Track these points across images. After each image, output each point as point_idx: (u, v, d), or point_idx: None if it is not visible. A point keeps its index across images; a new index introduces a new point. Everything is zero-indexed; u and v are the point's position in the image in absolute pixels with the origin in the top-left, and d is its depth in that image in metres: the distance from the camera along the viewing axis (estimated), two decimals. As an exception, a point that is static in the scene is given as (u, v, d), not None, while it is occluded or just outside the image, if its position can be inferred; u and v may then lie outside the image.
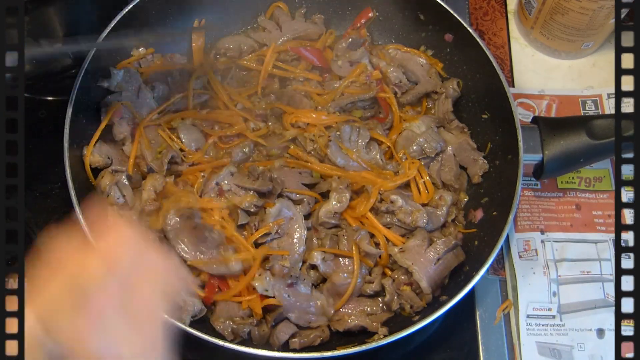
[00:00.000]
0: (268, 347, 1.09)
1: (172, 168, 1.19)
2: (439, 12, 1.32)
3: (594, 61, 1.51)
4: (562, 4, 1.36)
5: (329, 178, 1.21)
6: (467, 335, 1.23)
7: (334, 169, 1.22)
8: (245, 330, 1.08)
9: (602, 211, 1.33)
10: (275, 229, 1.13)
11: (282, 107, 1.27)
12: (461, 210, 1.26)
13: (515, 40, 1.54)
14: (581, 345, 1.21)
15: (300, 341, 1.09)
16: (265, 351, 1.02)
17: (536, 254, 1.28)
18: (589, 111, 1.44)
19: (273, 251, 1.13)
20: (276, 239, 1.14)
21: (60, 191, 1.31)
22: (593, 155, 1.20)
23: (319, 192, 1.21)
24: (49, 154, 1.23)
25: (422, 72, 1.37)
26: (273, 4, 1.41)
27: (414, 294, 1.14)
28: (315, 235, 1.18)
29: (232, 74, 1.33)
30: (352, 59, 1.32)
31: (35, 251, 0.69)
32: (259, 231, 1.12)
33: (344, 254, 1.15)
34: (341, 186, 1.18)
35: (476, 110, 1.32)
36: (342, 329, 1.12)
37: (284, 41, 1.37)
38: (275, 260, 1.12)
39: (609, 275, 1.26)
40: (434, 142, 1.26)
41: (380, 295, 1.16)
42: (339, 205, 1.16)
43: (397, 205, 1.17)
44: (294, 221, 1.15)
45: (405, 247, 1.16)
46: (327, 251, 1.14)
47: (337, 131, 1.23)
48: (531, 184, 1.36)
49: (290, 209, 1.16)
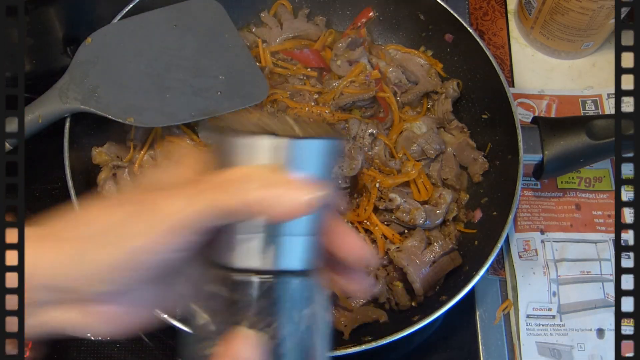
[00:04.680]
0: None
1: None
2: (439, 12, 1.32)
3: (594, 61, 1.51)
4: (562, 4, 1.36)
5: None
6: (467, 335, 1.23)
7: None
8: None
9: (602, 211, 1.33)
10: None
11: (286, 101, 1.27)
12: (462, 208, 1.27)
13: (515, 40, 1.54)
14: (581, 345, 1.21)
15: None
16: (265, 351, 1.02)
17: (536, 254, 1.28)
18: (589, 111, 1.44)
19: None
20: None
21: (60, 191, 1.32)
22: (593, 155, 1.20)
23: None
24: (49, 154, 1.23)
25: (421, 72, 1.37)
26: (278, 1, 1.41)
27: (404, 292, 1.15)
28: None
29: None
30: (351, 59, 1.32)
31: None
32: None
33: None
34: (354, 152, 1.18)
35: (476, 110, 1.32)
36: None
37: (283, 39, 1.38)
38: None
39: (609, 275, 1.26)
40: (435, 144, 1.26)
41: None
42: (349, 170, 1.17)
43: (395, 204, 1.17)
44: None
45: (402, 247, 1.16)
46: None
47: (346, 124, 1.24)
48: (531, 184, 1.36)
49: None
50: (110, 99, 1.13)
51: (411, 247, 1.16)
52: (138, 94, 1.15)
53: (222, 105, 1.19)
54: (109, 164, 1.17)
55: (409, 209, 1.18)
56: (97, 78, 1.14)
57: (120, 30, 1.21)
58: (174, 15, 1.25)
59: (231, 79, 1.22)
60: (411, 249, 1.16)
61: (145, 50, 1.20)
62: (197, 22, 1.25)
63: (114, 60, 1.17)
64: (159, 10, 1.25)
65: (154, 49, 1.20)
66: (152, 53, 1.20)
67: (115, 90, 1.14)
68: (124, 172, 1.17)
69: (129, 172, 1.18)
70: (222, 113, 1.20)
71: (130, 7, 1.23)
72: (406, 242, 1.17)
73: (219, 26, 1.26)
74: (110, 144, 1.21)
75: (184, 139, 1.22)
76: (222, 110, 1.19)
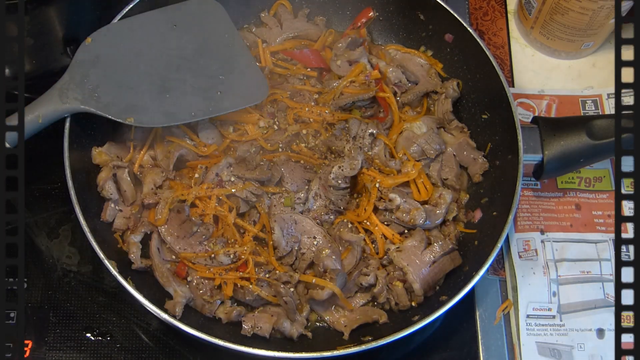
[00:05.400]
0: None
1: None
2: (439, 12, 1.32)
3: (594, 61, 1.51)
4: (562, 4, 1.36)
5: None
6: (467, 335, 1.23)
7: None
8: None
9: (602, 211, 1.33)
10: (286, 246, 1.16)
11: (286, 101, 1.27)
12: (462, 208, 1.26)
13: (515, 40, 1.54)
14: (581, 345, 1.21)
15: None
16: (265, 351, 1.02)
17: (536, 254, 1.28)
18: (589, 111, 1.44)
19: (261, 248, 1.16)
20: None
21: (60, 191, 1.32)
22: (593, 155, 1.20)
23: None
24: (49, 154, 1.23)
25: (421, 72, 1.37)
26: (278, 1, 1.42)
27: (404, 292, 1.15)
28: (323, 193, 1.19)
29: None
30: (350, 59, 1.32)
31: None
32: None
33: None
34: (354, 152, 1.19)
35: (476, 110, 1.32)
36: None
37: (283, 39, 1.38)
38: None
39: (609, 275, 1.26)
40: (435, 144, 1.26)
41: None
42: (350, 170, 1.18)
43: (395, 204, 1.17)
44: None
45: (402, 247, 1.16)
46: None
47: (346, 124, 1.24)
48: (531, 184, 1.36)
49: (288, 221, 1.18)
50: (110, 99, 1.13)
51: (411, 247, 1.16)
52: (138, 94, 1.15)
53: (222, 105, 1.19)
54: (109, 164, 1.17)
55: (409, 209, 1.18)
56: (97, 78, 1.14)
57: (120, 30, 1.21)
58: (174, 15, 1.25)
59: (231, 79, 1.22)
60: (411, 249, 1.16)
61: (145, 50, 1.19)
62: (197, 22, 1.25)
63: (114, 60, 1.17)
64: (159, 10, 1.25)
65: (154, 49, 1.20)
66: (152, 53, 1.20)
67: (115, 90, 1.14)
68: (124, 172, 1.17)
69: (129, 172, 1.18)
70: (222, 113, 1.20)
71: (130, 7, 1.23)
72: (406, 242, 1.17)
73: (219, 26, 1.26)
74: (110, 144, 1.21)
75: (184, 139, 1.22)
76: (222, 110, 1.19)
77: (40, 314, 1.21)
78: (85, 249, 1.27)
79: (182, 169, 1.22)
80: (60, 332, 1.20)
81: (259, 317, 1.12)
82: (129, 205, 1.18)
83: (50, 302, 1.22)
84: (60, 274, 1.25)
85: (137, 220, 1.18)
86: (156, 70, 1.18)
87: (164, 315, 1.04)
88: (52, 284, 1.24)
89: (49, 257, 1.26)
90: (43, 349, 1.18)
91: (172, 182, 1.19)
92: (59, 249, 1.27)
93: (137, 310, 1.22)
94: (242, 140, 1.24)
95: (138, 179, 1.20)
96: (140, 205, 1.17)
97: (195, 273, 1.13)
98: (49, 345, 1.19)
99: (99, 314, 1.22)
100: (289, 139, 1.25)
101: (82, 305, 1.23)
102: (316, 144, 1.24)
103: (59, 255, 1.27)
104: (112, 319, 1.22)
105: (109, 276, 1.15)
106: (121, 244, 1.15)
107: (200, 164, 1.20)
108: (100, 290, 1.24)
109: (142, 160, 1.22)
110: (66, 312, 1.22)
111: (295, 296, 1.13)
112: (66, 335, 1.20)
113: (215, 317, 1.13)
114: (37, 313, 1.21)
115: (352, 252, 1.17)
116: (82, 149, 1.18)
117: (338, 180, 1.18)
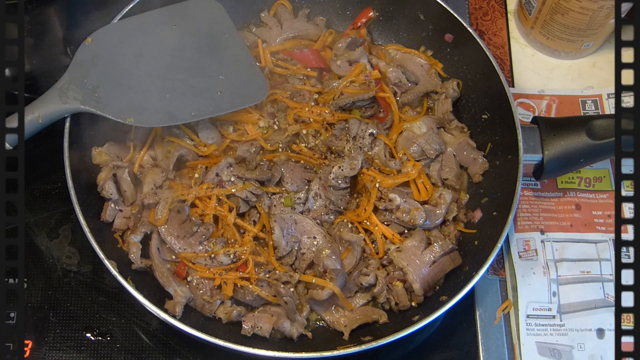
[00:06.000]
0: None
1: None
2: (439, 12, 1.32)
3: (594, 61, 1.51)
4: (562, 4, 1.36)
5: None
6: (467, 335, 1.23)
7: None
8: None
9: (602, 211, 1.33)
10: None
11: (286, 101, 1.27)
12: (462, 208, 1.27)
13: (515, 40, 1.54)
14: (581, 345, 1.21)
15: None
16: (265, 351, 1.02)
17: (536, 254, 1.28)
18: (589, 111, 1.44)
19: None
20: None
21: (60, 191, 1.32)
22: (593, 155, 1.20)
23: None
24: (49, 154, 1.23)
25: (421, 72, 1.37)
26: (278, 1, 1.42)
27: (404, 292, 1.15)
28: (323, 193, 1.19)
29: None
30: (350, 59, 1.32)
31: None
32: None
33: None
34: (354, 152, 1.19)
35: (476, 110, 1.32)
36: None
37: (283, 39, 1.38)
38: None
39: (609, 275, 1.26)
40: (435, 144, 1.26)
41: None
42: (350, 170, 1.18)
43: (395, 204, 1.17)
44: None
45: (402, 247, 1.16)
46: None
47: (346, 124, 1.24)
48: (531, 184, 1.36)
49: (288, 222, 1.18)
50: (110, 99, 1.13)
51: (411, 247, 1.16)
52: (138, 94, 1.15)
53: (222, 105, 1.19)
54: (109, 164, 1.17)
55: (409, 209, 1.18)
56: (97, 78, 1.14)
57: (120, 30, 1.21)
58: (174, 15, 1.25)
59: (231, 79, 1.22)
60: (411, 249, 1.16)
61: (145, 50, 1.19)
62: (197, 22, 1.25)
63: (114, 60, 1.17)
64: (159, 10, 1.25)
65: (154, 49, 1.20)
66: (152, 53, 1.20)
67: (115, 90, 1.14)
68: (124, 172, 1.17)
69: (129, 172, 1.18)
70: (222, 113, 1.20)
71: (130, 7, 1.24)
72: (406, 242, 1.17)
73: (219, 26, 1.26)
74: (110, 144, 1.21)
75: (184, 139, 1.22)
76: (222, 110, 1.19)
77: (40, 314, 1.21)
78: (85, 249, 1.27)
79: (182, 169, 1.22)
80: (60, 332, 1.20)
81: (259, 317, 1.12)
82: (129, 205, 1.18)
83: (50, 302, 1.22)
84: (60, 274, 1.25)
85: (137, 220, 1.18)
86: (156, 70, 1.18)
87: (164, 315, 1.04)
88: (52, 284, 1.24)
89: (49, 257, 1.26)
90: (43, 349, 1.18)
91: (172, 182, 1.19)
92: (59, 249, 1.27)
93: (137, 310, 1.22)
94: (242, 140, 1.24)
95: (138, 179, 1.20)
96: (140, 205, 1.17)
97: (195, 273, 1.13)
98: (49, 345, 1.19)
99: (99, 314, 1.22)
100: (289, 139, 1.25)
101: (82, 305, 1.23)
102: (316, 144, 1.24)
103: (59, 255, 1.27)
104: (112, 319, 1.22)
105: (109, 276, 1.15)
106: (121, 244, 1.16)
107: (200, 164, 1.20)
108: (100, 290, 1.24)
109: (142, 160, 1.22)
110: (66, 312, 1.22)
111: (295, 296, 1.13)
112: (66, 335, 1.20)
113: (215, 317, 1.13)
114: (37, 313, 1.21)
115: (352, 252, 1.17)
116: (82, 149, 1.18)
117: (338, 180, 1.18)
